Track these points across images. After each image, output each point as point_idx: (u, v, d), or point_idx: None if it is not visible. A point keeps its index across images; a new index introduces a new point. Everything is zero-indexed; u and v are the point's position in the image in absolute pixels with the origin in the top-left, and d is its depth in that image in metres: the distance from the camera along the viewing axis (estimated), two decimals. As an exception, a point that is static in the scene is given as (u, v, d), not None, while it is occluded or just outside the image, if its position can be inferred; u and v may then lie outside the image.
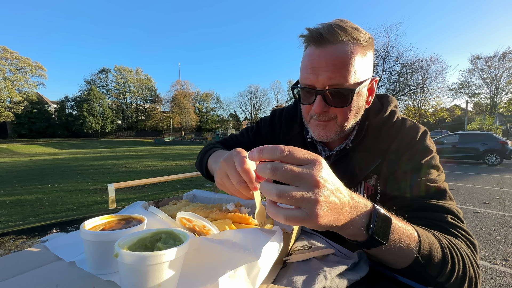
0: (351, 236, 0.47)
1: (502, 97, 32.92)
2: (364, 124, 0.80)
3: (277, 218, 0.39)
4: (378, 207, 0.48)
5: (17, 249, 0.57)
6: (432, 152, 0.72)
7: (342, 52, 0.66)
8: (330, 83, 0.67)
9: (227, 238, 0.43)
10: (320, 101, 0.69)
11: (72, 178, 9.15)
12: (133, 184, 3.58)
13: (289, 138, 0.96)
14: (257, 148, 0.41)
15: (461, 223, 0.62)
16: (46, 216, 4.69)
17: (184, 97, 62.22)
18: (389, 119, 0.80)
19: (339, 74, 0.65)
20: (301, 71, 0.73)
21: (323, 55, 0.66)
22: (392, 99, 0.86)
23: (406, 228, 0.51)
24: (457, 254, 0.53)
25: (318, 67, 0.67)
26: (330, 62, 0.65)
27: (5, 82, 42.74)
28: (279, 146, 0.40)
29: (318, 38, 0.66)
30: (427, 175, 0.68)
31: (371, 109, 0.82)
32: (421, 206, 0.64)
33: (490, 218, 4.26)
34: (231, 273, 0.35)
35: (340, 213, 0.42)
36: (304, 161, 0.40)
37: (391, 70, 22.05)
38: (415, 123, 0.78)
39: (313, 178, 0.38)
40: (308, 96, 0.73)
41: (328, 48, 0.66)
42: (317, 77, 0.67)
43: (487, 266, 2.77)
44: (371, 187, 0.77)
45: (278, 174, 0.38)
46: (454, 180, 7.77)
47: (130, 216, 0.53)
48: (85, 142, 44.78)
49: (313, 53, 0.68)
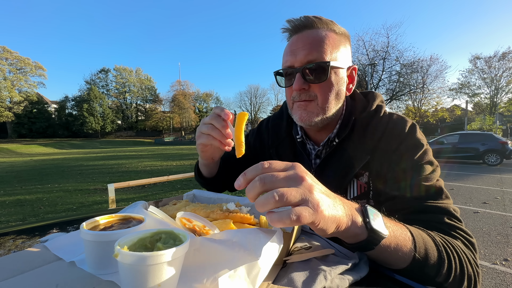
0: (353, 237, 0.47)
1: (502, 97, 32.93)
2: (350, 119, 0.80)
3: (282, 221, 0.38)
4: (366, 204, 0.50)
5: (17, 249, 0.57)
6: (423, 146, 0.71)
7: (317, 34, 0.72)
8: (307, 59, 0.71)
9: (227, 238, 0.43)
10: (299, 78, 0.72)
11: (72, 178, 9.14)
12: (133, 184, 3.58)
13: (278, 142, 0.96)
14: (240, 175, 0.43)
15: (458, 222, 0.62)
16: (46, 216, 4.68)
17: (184, 97, 62.21)
18: (376, 114, 0.79)
19: (315, 51, 0.71)
20: (283, 59, 0.78)
21: (300, 38, 0.73)
22: (377, 95, 0.85)
23: (398, 225, 0.52)
24: (453, 253, 0.54)
25: (296, 49, 0.73)
26: (306, 42, 0.72)
27: (5, 82, 42.73)
28: (260, 162, 0.43)
29: (296, 26, 0.74)
30: (421, 174, 0.67)
31: (357, 105, 0.83)
32: (417, 209, 0.64)
33: (490, 218, 4.26)
34: (231, 273, 0.35)
35: (336, 206, 0.43)
36: (286, 167, 0.43)
37: (391, 70, 22.11)
38: (403, 116, 0.78)
39: (299, 175, 0.42)
40: (289, 79, 0.77)
41: (305, 33, 0.73)
42: (295, 57, 0.73)
43: (487, 266, 2.77)
44: (363, 184, 0.77)
45: (267, 181, 0.40)
46: (454, 180, 7.76)
47: (130, 216, 0.53)
48: (85, 142, 44.77)
49: (292, 39, 0.76)
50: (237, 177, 0.43)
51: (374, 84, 21.97)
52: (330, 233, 0.43)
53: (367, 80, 20.18)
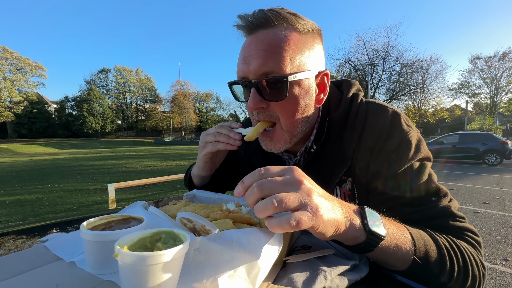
0: (351, 239, 0.47)
1: (502, 97, 32.96)
2: (324, 122, 0.70)
3: (282, 227, 0.38)
4: (364, 206, 0.49)
5: (17, 249, 0.57)
6: (410, 141, 0.61)
7: (273, 36, 0.58)
8: (262, 71, 0.59)
9: (227, 238, 0.43)
10: (254, 94, 0.60)
11: (72, 178, 9.14)
12: (133, 184, 3.58)
13: (249, 153, 0.87)
14: (239, 183, 0.43)
15: (462, 221, 0.59)
16: (46, 216, 4.68)
17: (184, 97, 62.19)
18: (352, 107, 0.69)
19: (271, 61, 0.58)
20: (237, 66, 0.65)
21: (253, 42, 0.60)
22: (353, 82, 0.74)
23: (398, 226, 0.51)
24: (457, 254, 0.53)
25: (249, 56, 0.60)
26: (260, 48, 0.58)
27: (5, 82, 42.74)
28: (257, 169, 0.43)
29: (248, 24, 0.60)
30: (414, 176, 0.60)
31: (331, 102, 0.72)
32: (419, 219, 0.59)
33: (490, 218, 4.26)
34: (231, 273, 0.35)
35: (334, 209, 0.43)
36: (282, 171, 0.43)
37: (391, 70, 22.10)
38: (382, 105, 0.67)
39: (296, 179, 0.41)
40: (246, 91, 0.65)
41: (259, 34, 0.60)
42: (248, 66, 0.60)
43: (487, 266, 2.77)
44: (347, 191, 0.70)
45: (265, 187, 0.40)
46: (454, 180, 7.76)
47: (130, 216, 0.53)
48: (85, 142, 44.76)
49: (245, 42, 0.62)
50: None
51: (374, 84, 21.97)
52: (329, 236, 0.43)
53: (367, 80, 20.18)
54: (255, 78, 0.60)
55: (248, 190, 0.41)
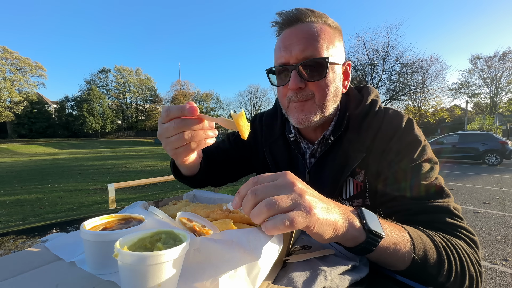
0: (351, 240, 0.47)
1: (502, 97, 32.91)
2: (344, 116, 0.77)
3: (277, 227, 0.39)
4: (361, 207, 0.50)
5: (17, 249, 0.57)
6: (421, 142, 0.68)
7: (313, 28, 0.69)
8: (303, 55, 0.67)
9: (227, 238, 0.43)
10: (295, 75, 0.68)
11: (72, 178, 9.14)
12: (133, 184, 3.58)
13: (271, 141, 0.93)
14: (235, 195, 0.45)
15: (460, 221, 0.61)
16: (46, 216, 4.68)
17: (184, 97, 62.16)
18: (371, 109, 0.77)
19: (311, 46, 0.67)
20: (275, 55, 0.74)
21: (294, 33, 0.69)
22: (372, 89, 0.82)
23: (395, 226, 0.52)
24: (454, 253, 0.53)
25: (290, 44, 0.69)
26: (301, 36, 0.68)
27: (5, 82, 42.71)
28: (250, 178, 0.45)
29: (289, 19, 0.70)
30: (420, 173, 0.65)
31: (351, 101, 0.80)
32: (418, 210, 0.62)
33: (490, 218, 4.26)
34: (231, 273, 0.35)
35: (330, 209, 0.43)
36: (275, 176, 0.44)
37: (391, 70, 22.08)
38: (399, 111, 0.75)
39: (289, 181, 0.43)
40: (283, 76, 0.72)
41: (298, 26, 0.70)
42: (290, 53, 0.69)
43: (487, 266, 2.77)
44: (360, 183, 0.75)
45: (258, 192, 0.41)
46: (454, 180, 7.76)
47: (130, 216, 0.53)
48: (85, 142, 44.74)
49: (284, 34, 0.71)
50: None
51: (374, 84, 21.93)
52: (328, 238, 0.43)
53: (367, 80, 20.18)
54: (295, 62, 0.68)
55: (244, 199, 0.43)
